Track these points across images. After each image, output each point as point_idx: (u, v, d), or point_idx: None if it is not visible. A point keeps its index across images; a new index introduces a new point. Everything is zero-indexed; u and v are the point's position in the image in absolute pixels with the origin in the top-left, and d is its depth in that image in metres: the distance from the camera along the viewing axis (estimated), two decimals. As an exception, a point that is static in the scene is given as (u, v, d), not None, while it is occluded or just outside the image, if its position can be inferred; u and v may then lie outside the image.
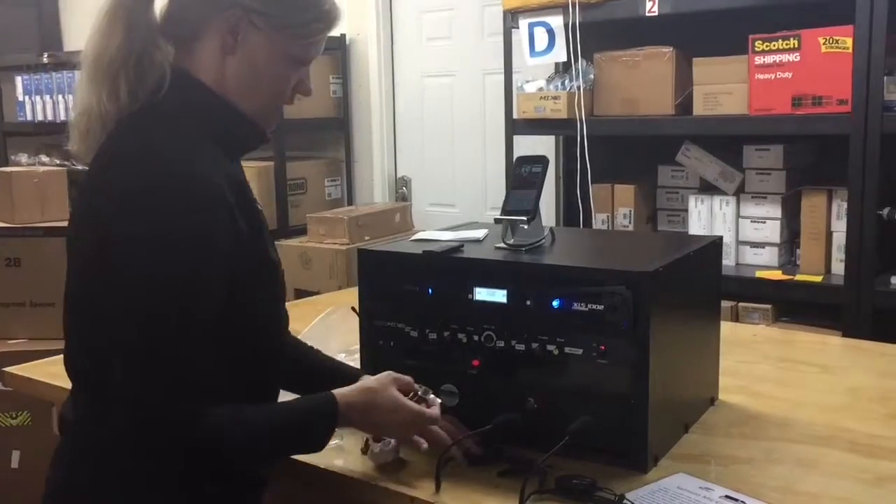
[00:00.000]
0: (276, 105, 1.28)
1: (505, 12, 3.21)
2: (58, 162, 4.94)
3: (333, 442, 1.36)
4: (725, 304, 2.72)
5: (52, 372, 1.70)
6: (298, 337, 1.56)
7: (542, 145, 3.51)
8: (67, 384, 1.25)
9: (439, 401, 1.31)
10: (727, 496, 1.19)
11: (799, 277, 2.73)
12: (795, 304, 2.78)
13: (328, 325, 1.82)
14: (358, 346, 1.49)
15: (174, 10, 1.21)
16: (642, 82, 2.97)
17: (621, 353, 1.25)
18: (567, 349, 1.28)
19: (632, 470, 1.26)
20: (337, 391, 1.22)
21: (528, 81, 3.21)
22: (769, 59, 2.66)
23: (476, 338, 1.35)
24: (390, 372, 1.28)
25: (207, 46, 1.19)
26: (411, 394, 1.28)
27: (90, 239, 1.12)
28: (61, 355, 1.22)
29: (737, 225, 2.92)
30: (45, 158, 5.04)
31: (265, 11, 1.18)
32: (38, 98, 4.94)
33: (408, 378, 1.29)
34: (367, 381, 1.27)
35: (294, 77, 1.26)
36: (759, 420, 1.48)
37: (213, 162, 1.15)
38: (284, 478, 1.32)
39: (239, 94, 1.21)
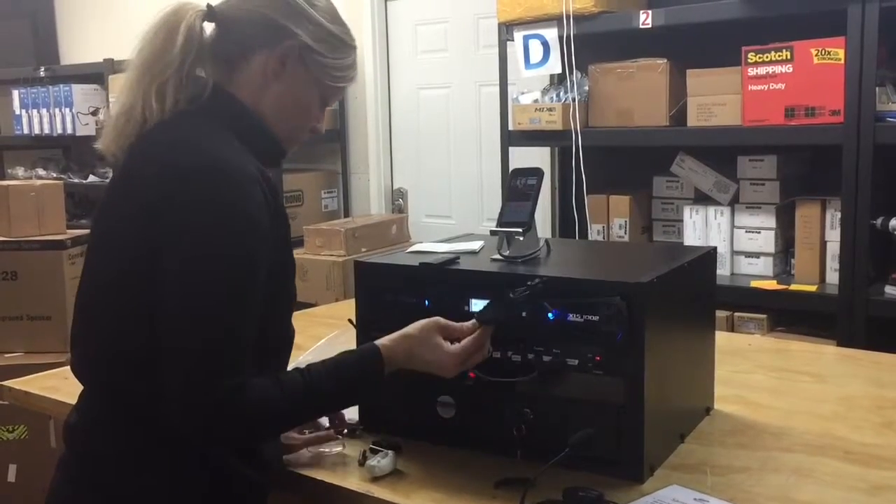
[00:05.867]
0: (295, 137, 1.35)
1: (500, 24, 3.22)
2: (55, 175, 4.96)
3: (335, 449, 1.38)
4: (720, 313, 2.73)
5: (48, 385, 1.69)
6: (304, 354, 1.58)
7: (537, 156, 3.52)
8: (65, 398, 1.24)
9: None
10: (723, 506, 1.19)
11: (793, 287, 2.74)
12: (790, 314, 2.79)
13: (334, 344, 1.84)
14: (355, 358, 1.49)
15: (229, 30, 1.28)
16: (637, 94, 2.99)
17: (617, 364, 1.26)
18: (562, 360, 1.29)
19: (627, 480, 1.27)
20: (378, 341, 1.25)
21: (523, 93, 3.23)
22: (762, 70, 2.68)
23: (472, 349, 1.35)
24: (438, 318, 1.29)
25: (252, 68, 1.27)
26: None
27: (136, 219, 1.15)
28: (58, 369, 1.22)
29: (731, 235, 2.93)
30: (41, 172, 5.06)
31: (317, 50, 1.29)
32: (34, 111, 4.95)
33: (455, 324, 1.29)
34: (409, 328, 1.28)
35: (316, 115, 1.35)
36: (754, 429, 1.48)
37: (243, 154, 1.21)
38: (282, 489, 1.33)
39: (269, 117, 1.29)
